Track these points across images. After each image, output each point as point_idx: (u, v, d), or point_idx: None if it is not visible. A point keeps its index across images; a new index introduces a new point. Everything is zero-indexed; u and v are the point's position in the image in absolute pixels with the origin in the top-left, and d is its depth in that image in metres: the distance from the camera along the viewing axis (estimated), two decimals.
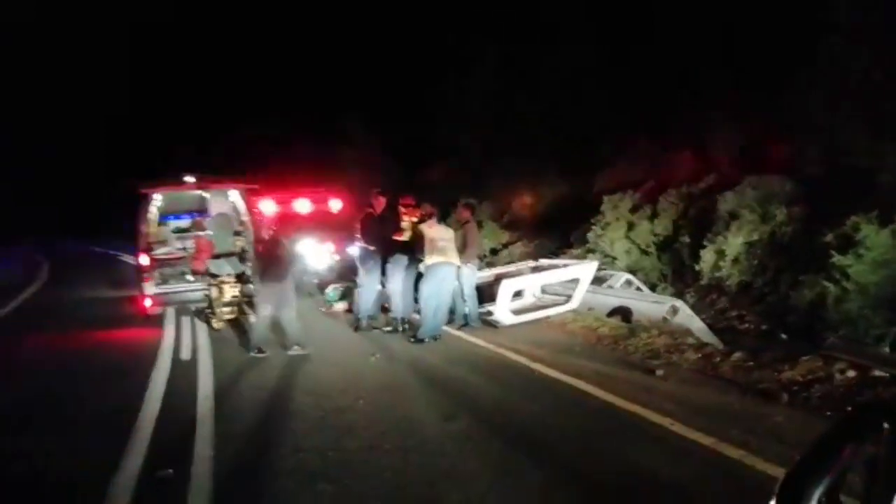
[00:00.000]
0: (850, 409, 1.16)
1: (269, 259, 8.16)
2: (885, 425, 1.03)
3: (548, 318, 9.35)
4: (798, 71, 10.91)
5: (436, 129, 22.86)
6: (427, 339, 8.33)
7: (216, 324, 9.74)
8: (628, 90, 15.63)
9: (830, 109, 10.20)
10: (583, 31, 17.23)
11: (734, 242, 10.22)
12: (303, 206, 14.93)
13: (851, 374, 5.66)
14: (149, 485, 4.49)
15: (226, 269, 10.09)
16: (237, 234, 11.45)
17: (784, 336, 8.75)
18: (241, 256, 10.95)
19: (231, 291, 10.00)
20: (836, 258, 7.98)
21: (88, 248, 31.02)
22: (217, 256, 10.46)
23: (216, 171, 11.56)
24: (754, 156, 12.22)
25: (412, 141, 23.98)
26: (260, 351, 8.04)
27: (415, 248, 8.78)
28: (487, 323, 9.08)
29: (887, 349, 6.89)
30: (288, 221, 14.37)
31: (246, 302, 10.36)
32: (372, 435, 5.17)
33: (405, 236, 8.87)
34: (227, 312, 10.04)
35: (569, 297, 9.51)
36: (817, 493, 1.02)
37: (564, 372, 6.62)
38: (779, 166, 11.29)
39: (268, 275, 8.12)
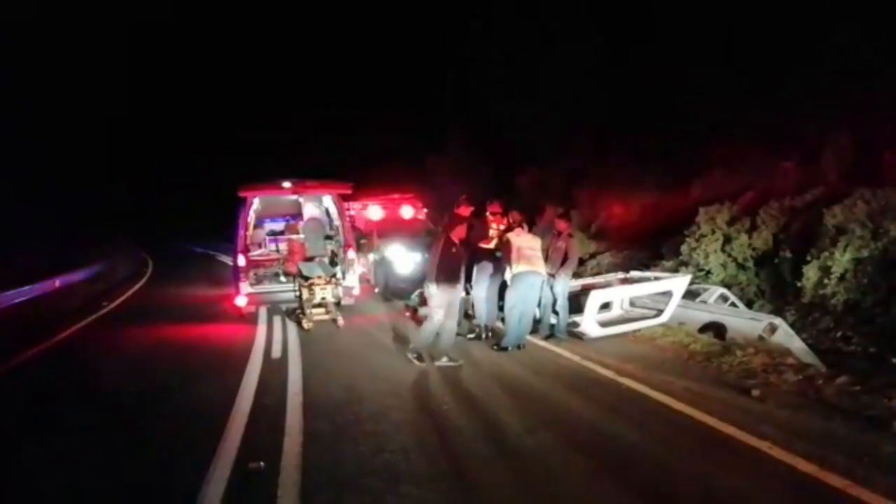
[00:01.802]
0: None
1: (446, 261, 7.64)
2: None
3: (636, 331, 9.09)
4: None
5: (526, 137, 22.79)
6: (511, 348, 8.29)
7: (306, 324, 10.06)
8: (733, 94, 15.00)
9: None
10: (689, 34, 16.70)
11: (841, 259, 9.63)
12: (390, 210, 15.33)
13: None
14: (241, 475, 4.70)
15: (317, 271, 10.42)
16: (328, 237, 11.81)
17: (895, 360, 8.16)
18: (332, 259, 11.28)
19: (321, 293, 10.32)
20: None
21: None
22: (309, 259, 10.81)
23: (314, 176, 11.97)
24: (868, 167, 11.46)
25: (503, 147, 24.00)
26: (419, 359, 7.82)
27: (500, 256, 8.76)
28: (574, 335, 8.94)
29: None
30: (380, 227, 14.79)
31: (335, 304, 10.66)
32: (456, 441, 5.19)
33: (492, 243, 8.86)
34: (316, 314, 10.36)
35: (659, 311, 9.22)
36: None
37: (653, 388, 6.41)
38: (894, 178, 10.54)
39: (444, 278, 7.60)
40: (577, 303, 9.17)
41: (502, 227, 8.90)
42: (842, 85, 12.27)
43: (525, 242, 8.45)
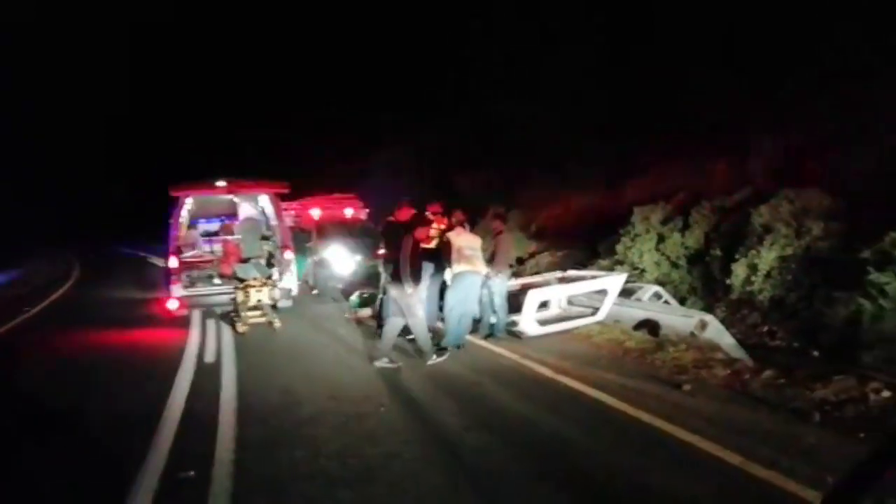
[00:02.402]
0: (890, 432, 1.10)
1: (414, 262, 7.64)
2: None
3: (574, 329, 9.22)
4: (846, 83, 10.69)
5: (469, 138, 22.89)
6: (450, 348, 8.28)
7: (241, 327, 9.81)
8: (665, 99, 15.43)
9: (876, 122, 9.95)
10: (627, 38, 17.07)
11: (767, 257, 10.01)
12: (328, 211, 15.14)
13: (887, 394, 5.47)
14: (170, 486, 4.52)
15: (252, 272, 10.17)
16: (265, 238, 11.55)
17: (817, 354, 8.54)
18: (269, 261, 11.03)
19: (257, 296, 10.07)
20: (874, 275, 7.76)
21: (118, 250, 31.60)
22: (244, 260, 10.55)
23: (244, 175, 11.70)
24: (793, 169, 11.97)
25: (446, 148, 24.02)
26: (391, 361, 7.68)
27: (441, 256, 8.74)
28: (513, 333, 9.00)
29: None
30: (320, 227, 14.58)
31: (272, 306, 10.43)
32: (393, 443, 5.14)
33: (432, 244, 8.83)
34: (252, 316, 10.12)
35: (595, 309, 9.38)
36: None
37: (589, 385, 6.50)
38: (817, 179, 11.03)
39: (416, 277, 7.62)
40: (516, 302, 9.25)
41: (443, 227, 8.89)
42: (768, 91, 12.78)
43: (465, 242, 8.45)
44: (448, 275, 8.76)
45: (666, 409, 5.63)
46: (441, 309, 8.90)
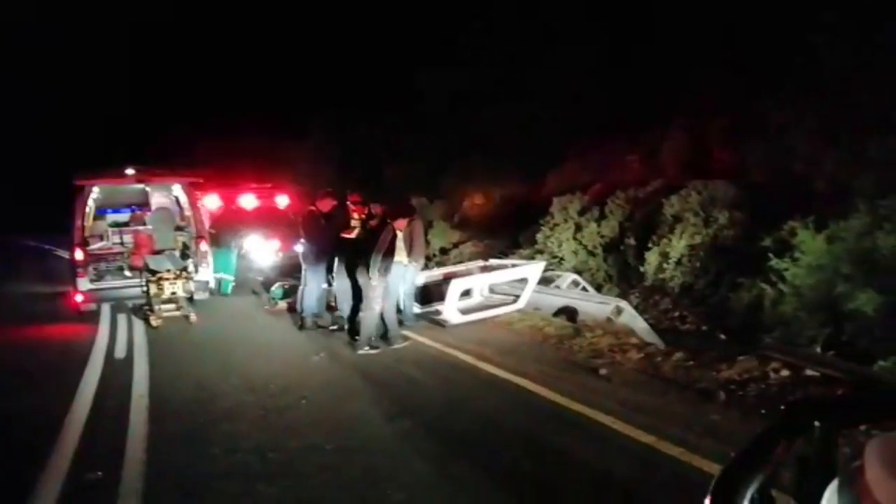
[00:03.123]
0: (782, 408, 1.16)
1: (388, 250, 7.71)
2: (816, 423, 1.03)
3: (495, 317, 9.36)
4: (745, 79, 11.24)
5: (392, 128, 22.76)
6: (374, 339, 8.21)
7: (154, 321, 9.42)
8: (580, 93, 15.84)
9: (774, 118, 10.52)
10: (538, 33, 17.36)
11: (677, 245, 10.45)
12: (248, 201, 14.67)
13: (785, 373, 5.83)
14: (76, 488, 4.30)
15: (166, 264, 9.77)
16: (179, 229, 11.12)
17: (723, 336, 8.98)
18: (184, 252, 10.63)
19: (171, 288, 9.69)
20: (774, 261, 8.22)
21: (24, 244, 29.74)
22: (157, 252, 10.12)
23: (162, 164, 11.25)
24: (701, 161, 12.54)
25: (370, 139, 23.80)
26: (373, 347, 7.78)
27: (362, 247, 8.64)
28: (435, 322, 9.04)
29: (819, 350, 7.13)
30: (232, 217, 14.13)
31: (188, 299, 10.06)
32: (314, 435, 5.07)
33: (353, 234, 8.74)
34: (166, 310, 9.73)
35: (516, 297, 9.55)
36: (750, 490, 1.02)
37: (510, 371, 6.62)
38: (723, 172, 11.60)
39: (385, 267, 7.71)
40: (439, 291, 9.30)
41: (363, 217, 8.80)
42: (679, 87, 13.30)
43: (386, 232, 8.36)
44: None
45: (583, 392, 5.80)
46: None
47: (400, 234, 8.26)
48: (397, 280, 8.37)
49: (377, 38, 24.12)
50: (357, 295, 8.24)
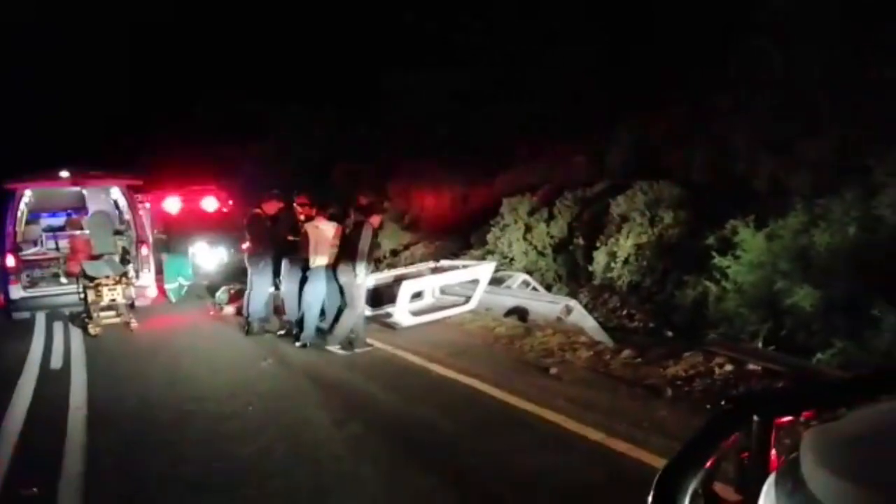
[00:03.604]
0: (722, 403, 1.16)
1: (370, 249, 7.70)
2: (755, 417, 1.04)
3: (447, 318, 9.33)
4: (688, 82, 11.53)
5: (343, 129, 22.55)
6: (309, 343, 7.95)
7: (93, 329, 9.07)
8: (528, 95, 15.99)
9: (716, 120, 10.82)
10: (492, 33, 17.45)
11: (624, 244, 10.63)
12: (194, 204, 14.34)
13: (729, 368, 5.97)
14: None
15: (104, 270, 9.42)
16: (118, 233, 10.75)
17: (670, 333, 9.17)
18: (123, 257, 10.28)
19: (110, 294, 9.34)
20: (717, 259, 8.44)
21: None
22: (96, 257, 9.76)
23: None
24: (646, 162, 12.79)
25: (321, 140, 23.52)
26: (344, 348, 7.69)
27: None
28: (386, 325, 8.96)
29: (760, 344, 7.34)
30: (187, 221, 13.78)
31: (128, 305, 9.73)
32: (262, 442, 4.94)
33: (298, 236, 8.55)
34: (105, 317, 9.39)
35: (468, 298, 9.55)
36: (692, 485, 1.02)
37: (461, 372, 6.60)
38: (668, 172, 11.86)
39: (367, 265, 7.62)
40: (390, 293, 9.22)
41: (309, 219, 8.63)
42: (624, 89, 13.56)
43: (322, 235, 8.16)
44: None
45: (533, 391, 5.82)
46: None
47: (319, 236, 8.08)
48: (329, 284, 8.12)
49: (332, 36, 23.81)
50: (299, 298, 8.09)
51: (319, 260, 8.03)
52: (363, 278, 7.55)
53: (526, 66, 16.05)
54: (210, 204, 14.62)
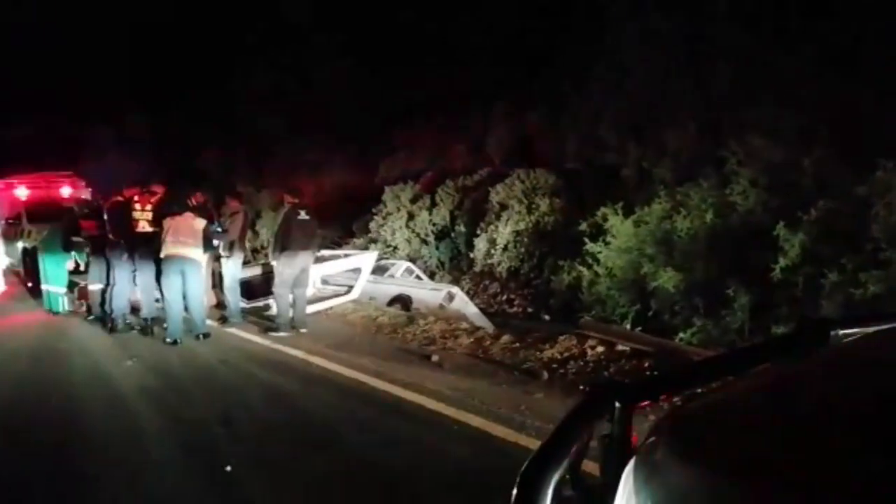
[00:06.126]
0: (585, 390, 1.17)
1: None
2: (616, 404, 1.04)
3: (329, 309, 9.16)
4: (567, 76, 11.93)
5: (213, 115, 21.50)
6: (179, 341, 7.54)
7: None
8: (408, 84, 15.95)
9: (588, 111, 11.28)
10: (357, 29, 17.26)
11: (504, 231, 10.88)
12: (48, 192, 13.19)
13: (601, 349, 6.24)
14: None
15: None
16: None
17: (547, 317, 9.51)
18: None
19: None
20: (589, 245, 8.80)
21: None
22: None
23: None
24: (523, 151, 13.15)
25: (187, 126, 22.32)
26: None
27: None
28: (267, 319, 8.64)
29: (629, 326, 7.75)
30: (31, 209, 12.64)
31: None
32: (131, 449, 4.58)
33: (142, 227, 8.00)
34: None
35: (350, 288, 9.41)
36: (557, 473, 1.00)
37: (342, 364, 6.48)
38: (544, 161, 12.25)
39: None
40: (267, 286, 8.91)
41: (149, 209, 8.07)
42: (503, 81, 13.86)
43: (180, 225, 7.65)
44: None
45: (415, 380, 5.81)
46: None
47: (174, 225, 7.62)
48: (186, 278, 7.66)
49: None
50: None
51: (167, 250, 7.56)
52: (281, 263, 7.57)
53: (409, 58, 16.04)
54: (65, 191, 13.49)
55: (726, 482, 0.78)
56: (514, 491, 1.00)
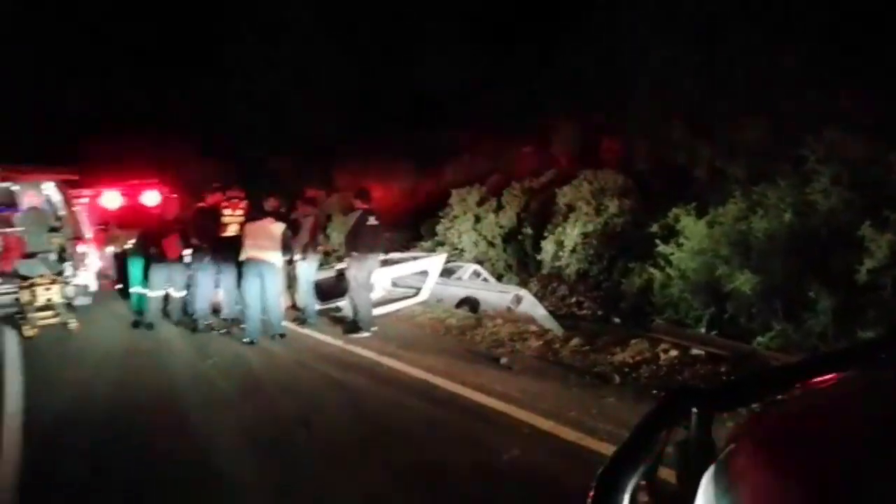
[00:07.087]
0: (662, 395, 1.17)
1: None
2: (694, 409, 1.04)
3: (398, 311, 9.30)
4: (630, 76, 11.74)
5: (286, 119, 22.14)
6: (255, 340, 7.80)
7: (29, 331, 8.68)
8: (475, 86, 16.03)
9: (656, 111, 11.06)
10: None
11: (571, 233, 10.78)
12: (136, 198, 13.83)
13: (674, 353, 6.12)
14: None
15: (39, 269, 9.02)
16: (54, 230, 10.30)
17: (617, 320, 9.36)
18: (61, 255, 9.86)
19: (46, 294, 8.96)
20: (661, 247, 8.63)
21: None
22: (29, 255, 9.34)
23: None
24: (590, 152, 12.99)
25: (255, 131, 23.04)
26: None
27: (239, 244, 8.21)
28: (337, 319, 8.87)
29: (703, 329, 7.55)
30: (121, 216, 13.26)
31: (67, 305, 9.34)
32: (208, 446, 4.81)
33: (231, 231, 8.32)
34: (42, 318, 9.00)
35: (418, 290, 9.53)
36: (633, 480, 1.02)
37: (412, 365, 6.58)
38: (612, 161, 12.08)
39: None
40: (340, 287, 9.13)
41: (239, 213, 8.39)
42: (569, 82, 13.73)
43: (258, 229, 7.95)
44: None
45: (483, 382, 5.85)
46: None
47: (255, 229, 7.95)
48: (265, 280, 7.94)
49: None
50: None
51: (247, 253, 7.85)
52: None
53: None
54: (151, 197, 14.14)
55: (815, 493, 0.77)
56: (591, 494, 1.02)
